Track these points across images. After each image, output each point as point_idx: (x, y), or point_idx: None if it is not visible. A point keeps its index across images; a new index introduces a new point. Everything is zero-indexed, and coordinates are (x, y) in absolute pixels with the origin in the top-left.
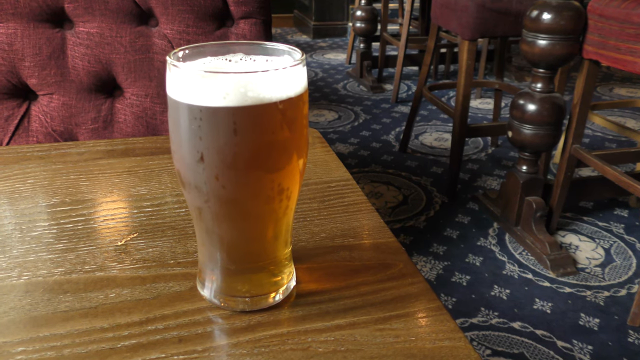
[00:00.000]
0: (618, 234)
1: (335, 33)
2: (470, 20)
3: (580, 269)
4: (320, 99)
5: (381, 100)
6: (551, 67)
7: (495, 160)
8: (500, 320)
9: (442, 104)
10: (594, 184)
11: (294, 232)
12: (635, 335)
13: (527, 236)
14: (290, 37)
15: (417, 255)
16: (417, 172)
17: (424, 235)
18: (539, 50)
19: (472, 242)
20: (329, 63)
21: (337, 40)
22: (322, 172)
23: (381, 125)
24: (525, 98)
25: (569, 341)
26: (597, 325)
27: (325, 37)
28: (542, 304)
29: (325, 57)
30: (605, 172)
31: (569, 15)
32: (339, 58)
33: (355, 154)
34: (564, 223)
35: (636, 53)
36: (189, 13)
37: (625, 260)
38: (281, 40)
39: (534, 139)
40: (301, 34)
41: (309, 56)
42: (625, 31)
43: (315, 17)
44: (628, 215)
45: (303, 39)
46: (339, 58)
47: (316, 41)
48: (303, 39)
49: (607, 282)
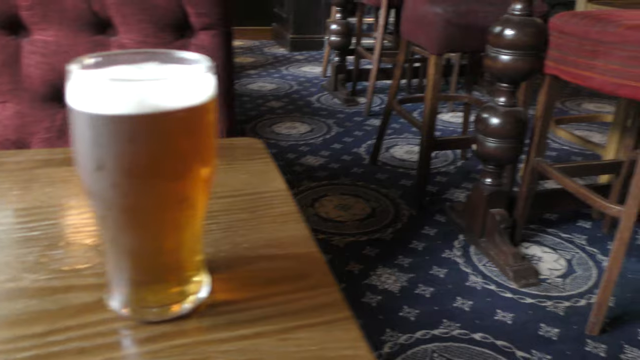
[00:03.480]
0: (580, 245)
1: (312, 46)
2: (437, 35)
3: (542, 280)
4: (293, 112)
5: (354, 113)
6: (514, 82)
7: (463, 173)
8: (462, 332)
9: (410, 117)
10: (557, 196)
11: (216, 243)
12: (592, 344)
13: (491, 248)
14: (268, 49)
15: (382, 268)
16: (386, 184)
17: (390, 248)
18: (501, 65)
19: (437, 254)
20: (304, 76)
21: (314, 54)
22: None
23: (353, 138)
24: (489, 112)
25: (528, 351)
26: (557, 335)
27: (302, 50)
28: (504, 314)
29: (301, 70)
30: (566, 184)
31: (530, 32)
32: (315, 71)
33: (325, 167)
34: (528, 235)
35: (593, 69)
36: (148, 23)
37: (586, 270)
38: (258, 53)
39: (497, 152)
40: (279, 46)
41: (285, 69)
42: (583, 47)
43: (293, 30)
44: (590, 226)
45: (280, 51)
46: (315, 71)
47: (293, 54)
48: (280, 52)
49: (567, 292)
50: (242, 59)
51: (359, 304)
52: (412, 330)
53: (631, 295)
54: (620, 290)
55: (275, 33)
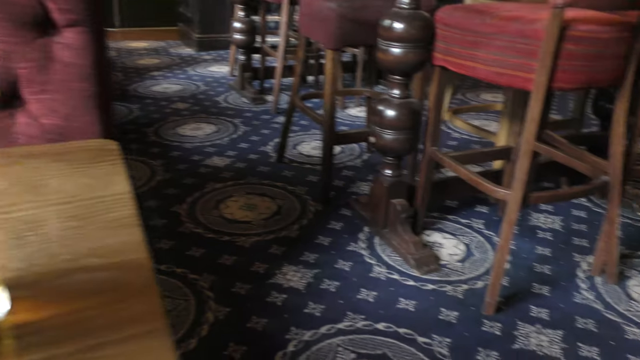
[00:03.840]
0: (478, 229)
1: (219, 46)
2: (332, 30)
3: (443, 265)
4: (199, 113)
5: (262, 111)
6: (406, 74)
7: (369, 166)
8: (366, 323)
9: (312, 112)
10: (455, 184)
11: (29, 257)
12: (489, 324)
13: (394, 238)
14: (174, 50)
15: (288, 265)
16: (292, 181)
17: (296, 245)
18: (392, 58)
19: (343, 247)
20: (211, 76)
21: (221, 53)
22: (99, 186)
23: (260, 137)
24: (384, 104)
25: (429, 336)
26: (456, 318)
27: (209, 49)
28: (407, 302)
29: (208, 70)
30: (458, 171)
31: (418, 25)
32: (223, 70)
33: (231, 167)
34: (430, 222)
35: (476, 59)
36: (6, 21)
37: (483, 253)
38: (164, 54)
39: (394, 143)
40: (185, 46)
41: (192, 69)
42: (466, 39)
43: (199, 30)
44: (488, 211)
45: (187, 51)
46: (223, 70)
47: (200, 54)
48: (187, 52)
49: (466, 275)
50: (147, 60)
51: (264, 304)
52: (317, 326)
53: (524, 274)
54: (515, 270)
55: (181, 33)
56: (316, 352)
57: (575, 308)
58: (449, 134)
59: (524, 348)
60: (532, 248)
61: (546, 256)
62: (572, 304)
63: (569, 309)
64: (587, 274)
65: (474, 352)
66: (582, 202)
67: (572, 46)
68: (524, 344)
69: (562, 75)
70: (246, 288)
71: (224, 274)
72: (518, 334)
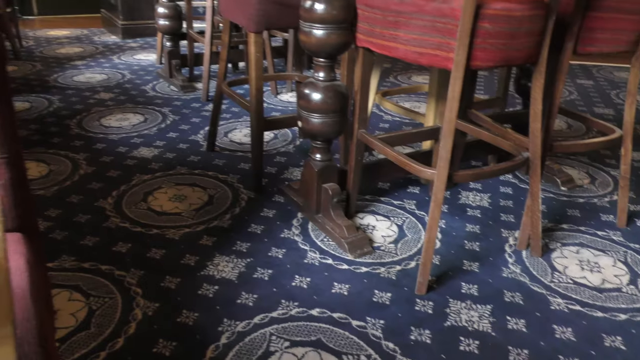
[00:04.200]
0: (410, 210)
1: (146, 33)
2: (254, 12)
3: (376, 248)
4: (125, 102)
5: (192, 99)
6: (330, 56)
7: (303, 152)
8: (300, 310)
9: (239, 98)
10: (387, 166)
11: None
12: (421, 303)
13: (327, 222)
14: (98, 38)
15: (220, 256)
16: (224, 170)
17: (228, 234)
18: (315, 40)
19: (276, 235)
20: (138, 64)
21: (149, 40)
22: None
23: (190, 125)
24: (310, 87)
25: (363, 319)
26: (389, 300)
27: (135, 37)
28: (340, 287)
29: (135, 58)
30: (386, 153)
31: (339, 5)
32: (150, 58)
33: (160, 158)
34: (364, 205)
35: (397, 39)
36: None
37: (415, 233)
38: (87, 42)
39: (322, 127)
40: (110, 34)
41: (118, 57)
42: (387, 19)
43: (123, 16)
44: (419, 191)
45: (112, 39)
46: (150, 58)
47: (126, 42)
48: (112, 40)
49: (399, 256)
50: (68, 49)
51: (195, 297)
52: (250, 316)
53: (454, 252)
54: (445, 249)
55: (104, 20)
56: (249, 342)
57: (503, 282)
58: (380, 117)
59: (455, 325)
60: (462, 226)
61: (475, 233)
62: (500, 279)
63: (498, 284)
64: (514, 248)
65: (407, 332)
66: (509, 179)
67: (487, 24)
68: (455, 321)
69: (480, 53)
70: (176, 282)
71: (152, 268)
72: (449, 311)
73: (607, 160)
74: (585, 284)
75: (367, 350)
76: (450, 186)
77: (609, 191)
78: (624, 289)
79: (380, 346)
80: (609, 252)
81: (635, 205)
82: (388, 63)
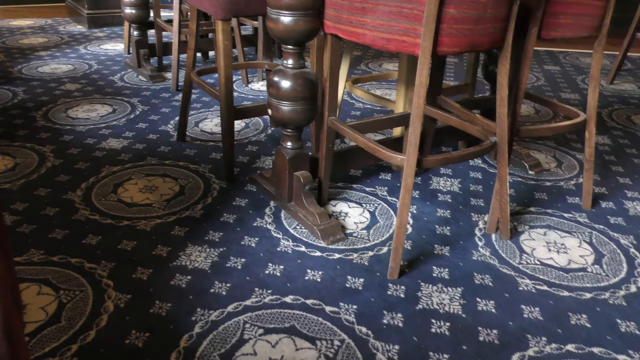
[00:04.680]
0: (382, 196)
1: (112, 22)
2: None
3: (349, 234)
4: (93, 93)
5: (161, 89)
6: (298, 43)
7: (274, 140)
8: (273, 297)
9: (208, 87)
10: (358, 153)
11: None
12: (393, 287)
13: (300, 210)
14: (63, 28)
15: (192, 246)
16: (195, 160)
17: (200, 224)
18: (283, 27)
19: (248, 224)
20: (105, 54)
21: (116, 30)
22: None
23: (160, 116)
24: (279, 75)
25: (336, 305)
26: (362, 285)
27: (102, 26)
28: (314, 273)
29: (101, 48)
30: (356, 139)
31: None
32: (117, 48)
33: (129, 149)
34: (336, 193)
35: (364, 25)
36: None
37: (388, 219)
38: (51, 32)
39: (292, 114)
40: (76, 24)
41: (84, 48)
42: (354, 5)
43: (89, 5)
44: (391, 178)
45: (78, 29)
46: (117, 48)
47: (92, 31)
48: (78, 30)
49: (371, 242)
50: (32, 39)
51: (168, 287)
52: (223, 305)
53: (425, 237)
54: (417, 234)
55: (69, 10)
56: (223, 331)
57: (473, 265)
58: (352, 104)
59: (427, 308)
60: (433, 211)
61: (446, 218)
62: (471, 262)
63: (468, 267)
64: (484, 232)
65: (380, 316)
66: (478, 165)
67: (453, 10)
68: (426, 304)
69: (446, 39)
70: (148, 273)
71: (123, 260)
72: (421, 294)
73: (573, 145)
74: (552, 264)
75: (340, 335)
76: (421, 172)
77: (575, 174)
78: (589, 268)
79: (354, 331)
80: (575, 234)
81: (600, 188)
82: (358, 51)
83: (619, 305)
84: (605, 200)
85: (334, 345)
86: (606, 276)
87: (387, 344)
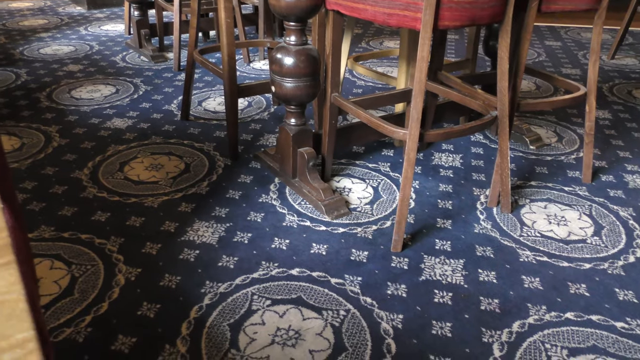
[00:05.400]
0: (385, 172)
1: (112, 2)
2: None
3: (353, 209)
4: (95, 74)
5: (163, 69)
6: (300, 20)
7: (277, 118)
8: (280, 270)
9: (211, 65)
10: (361, 129)
11: None
12: (397, 259)
13: (304, 186)
14: (63, 9)
15: (199, 222)
16: (199, 138)
17: (207, 201)
18: (285, 4)
19: (254, 200)
20: (106, 35)
21: (115, 10)
22: None
23: (163, 95)
24: (282, 52)
25: (341, 277)
26: (366, 257)
27: (102, 7)
28: (319, 247)
29: (102, 29)
30: (359, 115)
31: None
32: (118, 29)
33: (134, 128)
34: (339, 169)
35: (365, 0)
36: None
37: (390, 194)
38: (51, 14)
39: (295, 91)
40: (75, 5)
41: (84, 29)
42: None
43: None
44: (393, 154)
45: (77, 10)
46: (118, 29)
47: (92, 12)
48: (77, 11)
49: (375, 217)
50: (32, 21)
51: (177, 261)
52: (231, 278)
53: (428, 211)
54: (419, 208)
55: None
56: (232, 302)
57: (474, 238)
58: (354, 82)
59: (430, 279)
60: (435, 186)
61: (448, 192)
62: (472, 234)
63: (469, 239)
64: (485, 205)
65: (384, 287)
66: (480, 140)
67: None
68: (429, 275)
69: (447, 13)
70: (157, 248)
71: (132, 236)
72: (424, 266)
73: (573, 119)
74: (552, 236)
75: (346, 305)
76: (423, 148)
77: (575, 149)
78: (589, 240)
79: (359, 301)
80: (575, 207)
81: (600, 161)
82: (359, 29)
83: (617, 274)
84: (605, 174)
85: (339, 315)
86: (605, 247)
87: (391, 313)
